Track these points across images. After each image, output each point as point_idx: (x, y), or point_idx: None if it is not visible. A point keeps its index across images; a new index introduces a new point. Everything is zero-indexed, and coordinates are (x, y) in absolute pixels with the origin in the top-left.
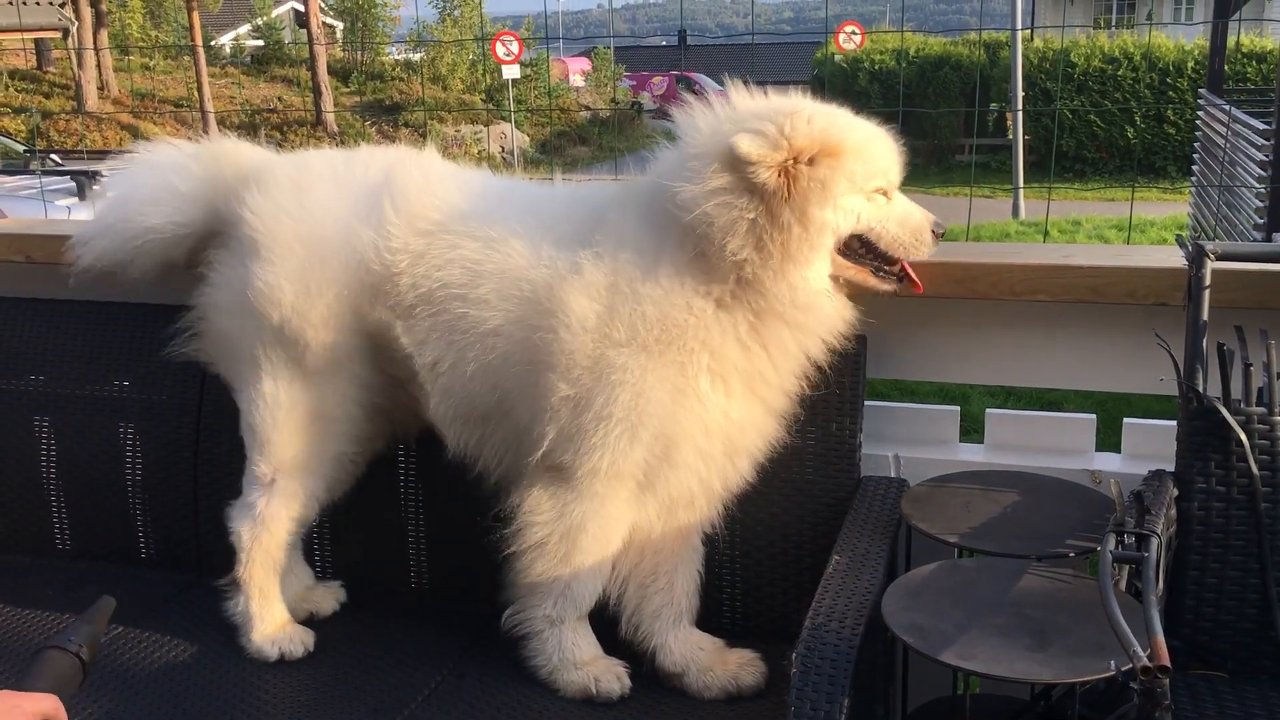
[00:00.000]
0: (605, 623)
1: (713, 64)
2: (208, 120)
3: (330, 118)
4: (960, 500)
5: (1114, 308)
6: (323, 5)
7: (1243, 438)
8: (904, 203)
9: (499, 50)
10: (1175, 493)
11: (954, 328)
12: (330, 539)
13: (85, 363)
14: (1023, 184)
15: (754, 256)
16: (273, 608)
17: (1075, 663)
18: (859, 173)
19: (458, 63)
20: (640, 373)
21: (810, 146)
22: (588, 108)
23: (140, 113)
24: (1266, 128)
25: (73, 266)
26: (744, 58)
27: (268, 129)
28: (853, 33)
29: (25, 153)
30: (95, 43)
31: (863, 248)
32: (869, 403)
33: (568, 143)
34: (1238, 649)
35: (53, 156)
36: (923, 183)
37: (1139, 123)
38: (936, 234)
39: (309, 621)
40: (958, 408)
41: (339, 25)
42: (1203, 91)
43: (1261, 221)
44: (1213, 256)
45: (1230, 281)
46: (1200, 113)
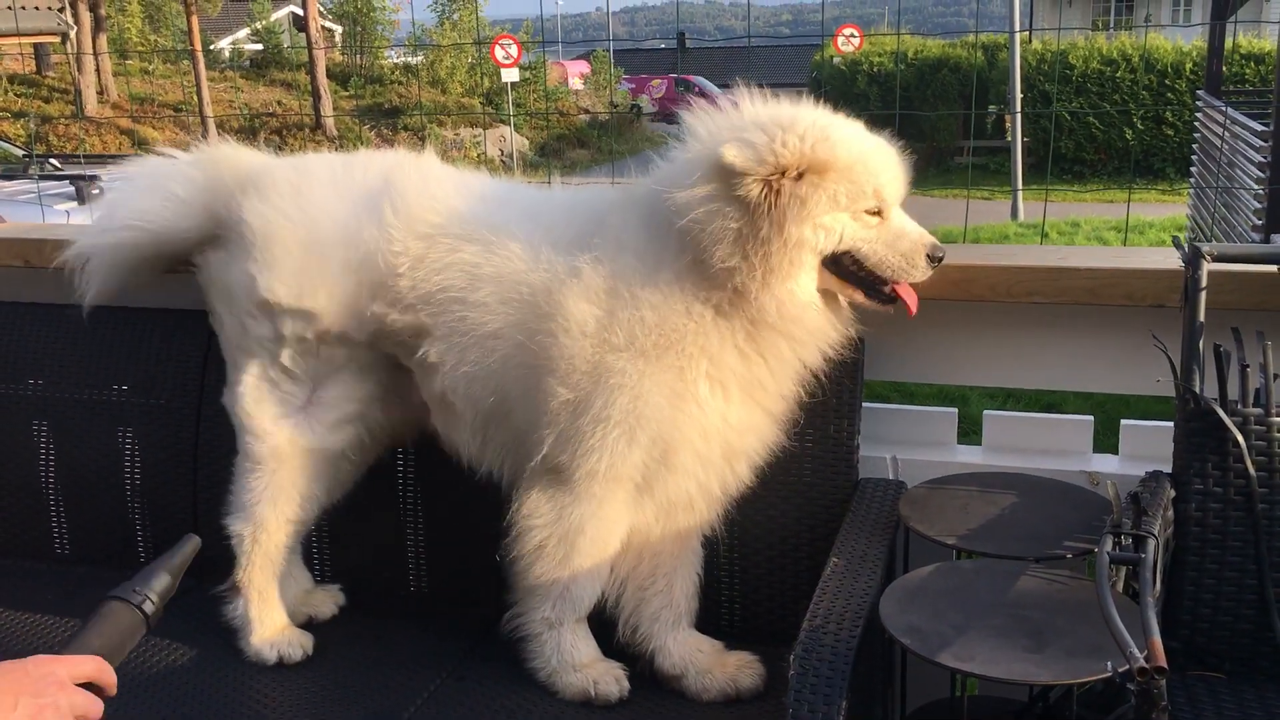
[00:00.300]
0: (604, 625)
1: (711, 66)
2: (207, 125)
3: (329, 122)
4: (958, 502)
5: (1111, 309)
6: (321, 9)
7: (1239, 439)
8: (899, 224)
9: (498, 54)
10: (1172, 494)
11: (952, 330)
12: (330, 542)
13: (84, 367)
14: (1021, 186)
15: (741, 265)
16: (272, 611)
17: (1073, 664)
18: (843, 193)
19: (457, 66)
20: (638, 377)
21: (797, 162)
22: (587, 111)
23: (139, 117)
24: (1264, 129)
25: (78, 285)
26: (742, 60)
27: (267, 133)
28: (851, 35)
29: (24, 157)
30: (94, 47)
31: (854, 265)
32: (867, 405)
33: (567, 146)
34: (1235, 650)
35: (52, 161)
36: (921, 185)
37: (1137, 124)
38: (933, 258)
39: (308, 625)
40: (955, 409)
41: (338, 29)
42: (1201, 93)
43: (1260, 223)
44: (1209, 258)
45: (1227, 283)
46: (1198, 114)
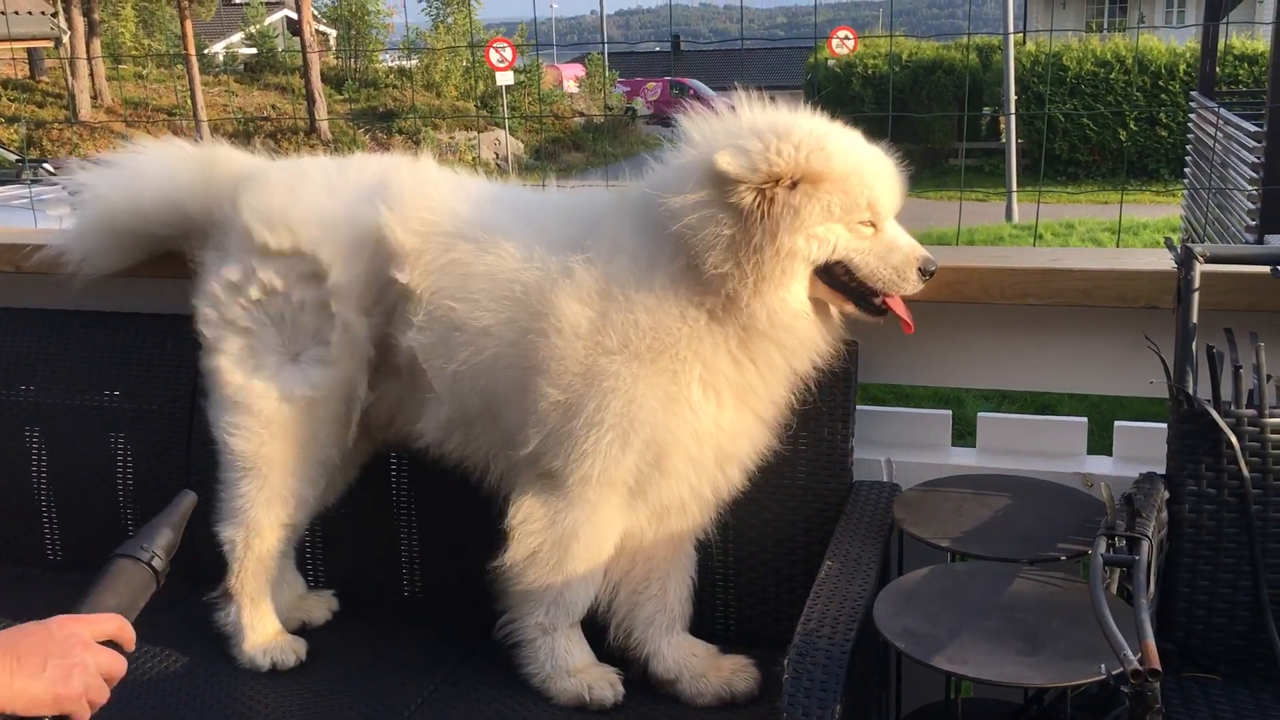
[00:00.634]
0: (598, 630)
1: (706, 69)
2: (201, 129)
3: (324, 125)
4: (952, 504)
5: (1105, 311)
6: (316, 13)
7: (1233, 440)
8: (893, 236)
9: (492, 57)
10: (1166, 495)
11: (946, 331)
12: (323, 547)
13: (76, 373)
14: (1015, 188)
15: (734, 272)
16: (264, 617)
17: (1067, 666)
18: (837, 203)
19: (451, 70)
20: (632, 380)
21: (792, 171)
22: (581, 114)
23: (133, 121)
24: (1258, 130)
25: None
26: (737, 63)
27: (261, 137)
28: (846, 38)
29: (16, 162)
30: (88, 51)
31: (846, 275)
32: (860, 407)
33: (562, 149)
34: (1230, 651)
35: (46, 166)
36: (916, 186)
37: (1131, 125)
38: (925, 272)
39: (301, 631)
40: (949, 412)
41: (332, 33)
42: (1194, 94)
43: (1253, 223)
44: (1202, 259)
45: (1220, 284)
46: (1192, 115)
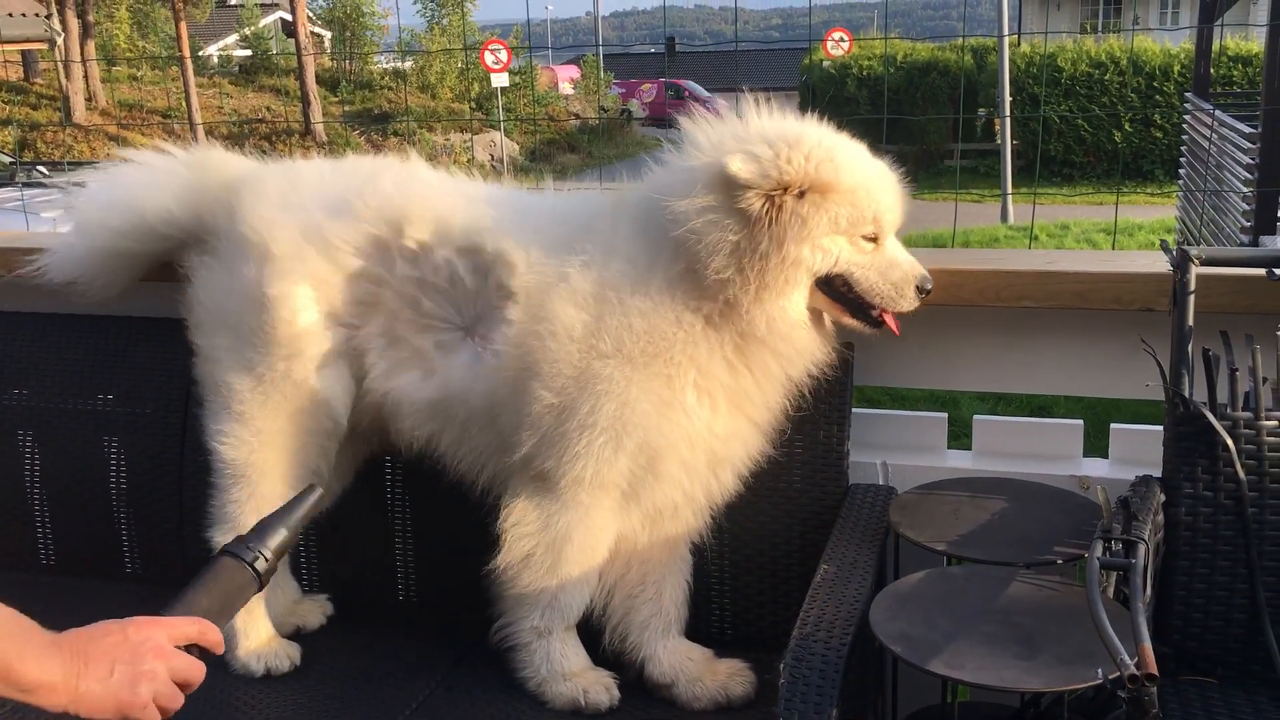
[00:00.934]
0: (593, 634)
1: (701, 71)
2: (196, 131)
3: (319, 127)
4: (948, 507)
5: (1100, 313)
6: (310, 14)
7: (1229, 442)
8: (893, 253)
9: (487, 59)
10: (1162, 498)
11: (942, 334)
12: (317, 552)
13: (69, 376)
14: (1010, 189)
15: (736, 279)
16: (258, 622)
17: (1064, 671)
18: (844, 216)
19: (446, 71)
20: (626, 384)
21: (801, 180)
22: (577, 115)
23: (128, 124)
24: (1252, 131)
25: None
26: (732, 64)
27: (256, 139)
28: (841, 39)
29: (10, 164)
30: (82, 54)
31: (845, 287)
32: (856, 410)
33: (557, 150)
34: (1227, 654)
35: (39, 168)
36: (911, 188)
37: (1126, 127)
38: (922, 290)
39: (296, 636)
40: (945, 414)
41: (327, 35)
42: (1189, 95)
43: (1248, 224)
44: (1197, 261)
45: (1215, 286)
46: (1186, 116)
